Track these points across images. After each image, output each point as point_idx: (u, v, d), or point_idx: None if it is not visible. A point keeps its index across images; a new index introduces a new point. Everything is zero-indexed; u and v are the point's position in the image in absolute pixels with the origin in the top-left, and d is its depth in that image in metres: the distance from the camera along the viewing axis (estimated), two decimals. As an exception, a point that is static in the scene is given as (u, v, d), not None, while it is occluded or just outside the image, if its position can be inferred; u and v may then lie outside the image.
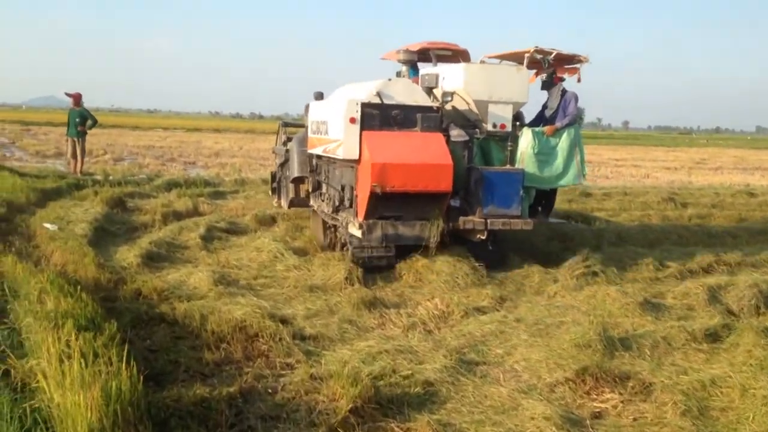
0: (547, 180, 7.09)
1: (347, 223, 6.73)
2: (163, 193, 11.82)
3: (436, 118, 6.54)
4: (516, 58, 7.23)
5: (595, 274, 6.55)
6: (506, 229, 6.64)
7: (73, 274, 6.13)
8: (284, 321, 5.08)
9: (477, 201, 6.59)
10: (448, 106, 6.80)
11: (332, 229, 7.53)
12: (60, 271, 6.22)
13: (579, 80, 7.30)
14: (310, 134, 7.76)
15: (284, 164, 9.04)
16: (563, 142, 7.05)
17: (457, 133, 6.72)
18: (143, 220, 9.39)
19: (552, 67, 7.32)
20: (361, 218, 6.39)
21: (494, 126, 6.82)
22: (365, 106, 6.37)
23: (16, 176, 11.76)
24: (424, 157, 6.26)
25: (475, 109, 6.89)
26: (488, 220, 6.55)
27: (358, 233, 6.41)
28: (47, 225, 7.94)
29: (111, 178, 12.84)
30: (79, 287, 4.92)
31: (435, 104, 6.65)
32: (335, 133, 6.58)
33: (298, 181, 8.45)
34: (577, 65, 7.36)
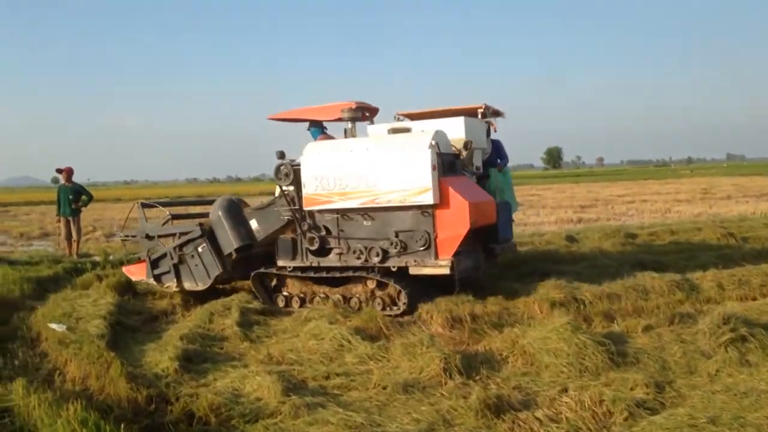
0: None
1: (416, 265, 7.15)
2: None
3: (460, 163, 7.71)
4: (449, 113, 8.15)
5: (744, 338, 5.31)
6: (510, 251, 8.45)
7: (99, 393, 4.79)
8: (397, 445, 3.80)
9: (494, 230, 7.72)
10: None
11: (361, 282, 7.49)
12: (81, 390, 4.88)
13: (495, 130, 8.77)
14: (311, 192, 7.46)
15: (190, 242, 8.20)
16: (507, 179, 8.78)
17: (470, 176, 7.90)
18: (161, 306, 8.08)
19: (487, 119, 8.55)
20: (449, 255, 7.00)
21: (477, 168, 8.14)
22: (438, 155, 7.04)
23: (6, 266, 10.36)
24: (483, 197, 7.56)
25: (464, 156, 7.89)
26: (505, 245, 8.09)
27: (443, 270, 7.01)
28: (53, 325, 6.59)
29: (112, 258, 11.46)
30: (122, 427, 3.60)
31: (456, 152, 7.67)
32: (401, 182, 7.01)
33: (239, 251, 8.06)
34: (497, 118, 8.80)
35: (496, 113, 8.66)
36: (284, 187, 7.71)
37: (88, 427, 3.49)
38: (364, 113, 8.39)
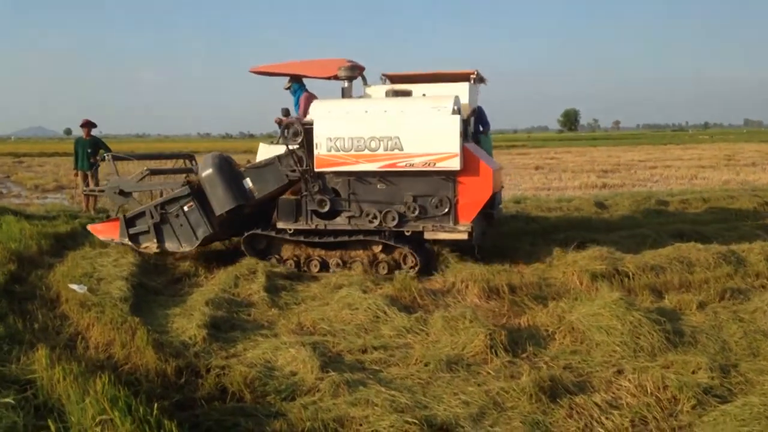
0: None
1: (434, 230, 7.15)
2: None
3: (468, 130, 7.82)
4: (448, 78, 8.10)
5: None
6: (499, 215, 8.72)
7: (125, 362, 4.53)
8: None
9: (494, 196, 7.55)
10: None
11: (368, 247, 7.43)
12: (106, 358, 4.63)
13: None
14: (324, 153, 7.14)
15: (174, 200, 7.75)
16: (489, 144, 8.66)
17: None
18: (184, 268, 7.77)
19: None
20: (469, 221, 7.07)
21: (474, 134, 8.34)
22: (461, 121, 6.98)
23: (23, 219, 10.10)
24: (496, 164, 7.92)
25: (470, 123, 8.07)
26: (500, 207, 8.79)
27: (462, 235, 7.09)
28: (74, 286, 6.32)
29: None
30: (155, 407, 3.32)
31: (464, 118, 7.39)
32: (425, 147, 6.88)
33: (230, 212, 7.62)
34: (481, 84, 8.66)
35: (481, 80, 8.51)
36: (291, 147, 7.35)
37: (119, 407, 3.22)
38: (359, 72, 8.10)
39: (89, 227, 8.55)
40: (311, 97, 8.28)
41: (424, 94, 7.64)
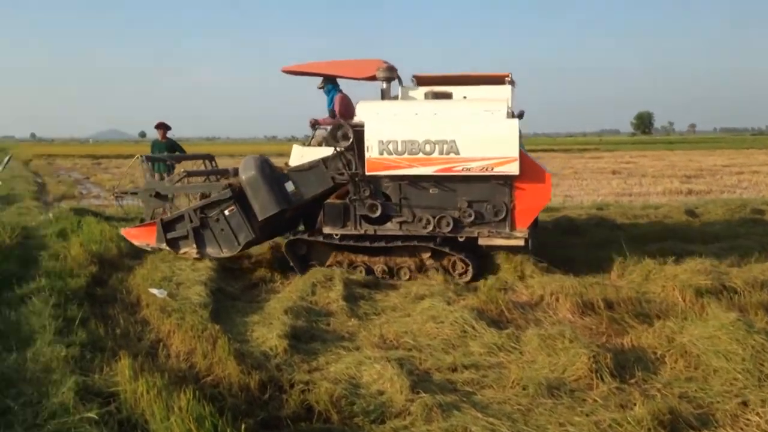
0: None
1: (489, 236, 7.01)
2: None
3: None
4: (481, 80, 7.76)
5: None
6: None
7: (207, 373, 4.37)
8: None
9: None
10: None
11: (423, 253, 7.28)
12: (188, 368, 4.47)
13: None
14: (375, 156, 6.90)
15: (215, 204, 7.38)
16: (524, 146, 8.00)
17: None
18: (260, 273, 7.64)
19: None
20: (525, 227, 6.97)
21: None
22: None
23: (102, 221, 10.25)
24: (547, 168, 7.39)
25: None
26: None
27: (518, 242, 6.98)
28: (154, 290, 6.26)
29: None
30: (242, 428, 3.10)
31: None
32: (483, 151, 6.73)
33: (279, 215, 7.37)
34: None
35: (512, 83, 8.18)
36: (339, 149, 7.11)
37: (205, 428, 3.01)
38: (396, 73, 7.85)
39: (123, 232, 8.17)
40: (346, 98, 8.13)
41: (464, 97, 7.48)
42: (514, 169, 6.70)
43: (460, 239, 7.06)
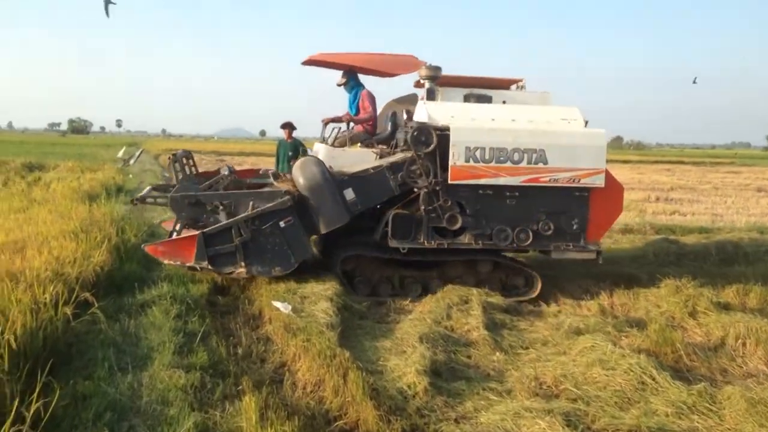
0: None
1: (564, 250, 6.72)
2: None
3: None
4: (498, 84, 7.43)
5: None
6: None
7: (339, 414, 3.76)
8: None
9: None
10: None
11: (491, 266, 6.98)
12: (317, 406, 3.88)
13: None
14: (461, 164, 6.36)
15: (270, 214, 6.24)
16: None
17: None
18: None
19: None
20: (599, 239, 6.82)
21: None
22: None
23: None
24: None
25: None
26: None
27: (590, 255, 6.75)
28: (278, 304, 5.75)
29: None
30: None
31: None
32: (572, 161, 6.46)
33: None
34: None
35: (523, 88, 7.73)
36: (418, 154, 6.44)
37: None
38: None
39: (147, 249, 6.33)
40: (372, 95, 7.64)
41: (504, 102, 7.09)
42: (599, 181, 6.50)
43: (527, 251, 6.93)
